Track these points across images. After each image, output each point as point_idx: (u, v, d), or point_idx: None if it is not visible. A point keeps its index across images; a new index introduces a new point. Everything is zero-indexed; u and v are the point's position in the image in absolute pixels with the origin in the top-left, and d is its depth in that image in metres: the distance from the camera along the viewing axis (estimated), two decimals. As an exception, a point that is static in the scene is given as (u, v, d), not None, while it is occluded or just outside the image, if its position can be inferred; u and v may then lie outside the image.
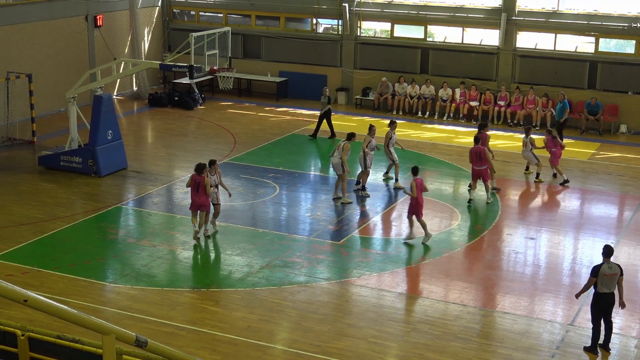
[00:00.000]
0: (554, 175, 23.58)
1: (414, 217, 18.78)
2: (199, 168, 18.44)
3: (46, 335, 8.45)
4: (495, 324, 15.19)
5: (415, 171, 18.88)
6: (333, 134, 27.41)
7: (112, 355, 6.90)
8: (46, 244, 18.60)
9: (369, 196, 21.68)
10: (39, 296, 6.28)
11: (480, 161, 21.25)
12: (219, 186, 19.22)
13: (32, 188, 22.34)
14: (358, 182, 22.14)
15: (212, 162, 19.34)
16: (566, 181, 23.06)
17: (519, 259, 18.31)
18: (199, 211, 18.62)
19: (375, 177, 23.51)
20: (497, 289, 16.64)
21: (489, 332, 14.84)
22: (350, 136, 21.58)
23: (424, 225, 18.71)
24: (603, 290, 13.72)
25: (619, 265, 13.90)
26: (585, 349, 14.06)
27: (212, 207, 19.01)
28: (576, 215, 21.39)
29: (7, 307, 14.79)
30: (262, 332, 14.64)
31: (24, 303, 6.12)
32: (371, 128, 22.22)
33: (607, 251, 13.89)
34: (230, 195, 19.69)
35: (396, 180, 22.60)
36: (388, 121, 23.89)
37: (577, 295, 14.19)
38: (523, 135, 24.10)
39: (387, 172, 23.25)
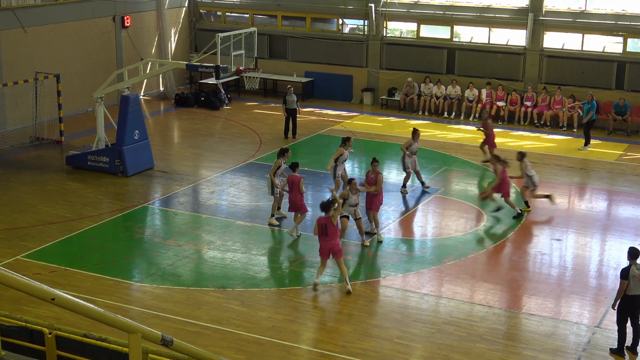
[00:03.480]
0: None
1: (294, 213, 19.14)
2: (325, 208, 16.12)
3: (73, 334, 8.52)
4: (521, 325, 15.12)
5: (293, 167, 19.00)
6: (293, 134, 27.44)
7: (138, 353, 6.94)
8: (73, 242, 18.75)
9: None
10: (66, 295, 6.34)
11: None
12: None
13: (60, 187, 22.52)
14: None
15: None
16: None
17: (545, 260, 18.20)
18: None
19: (400, 177, 23.49)
20: (523, 290, 16.56)
21: (514, 334, 14.77)
22: (345, 140, 21.14)
23: (295, 220, 19.08)
24: (632, 292, 13.60)
25: None
26: (612, 351, 13.96)
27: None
28: (603, 217, 21.23)
29: (35, 306, 14.94)
30: (287, 332, 14.66)
31: (51, 301, 6.18)
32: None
33: (634, 253, 13.77)
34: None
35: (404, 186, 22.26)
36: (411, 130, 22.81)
37: (614, 306, 13.96)
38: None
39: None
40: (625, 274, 13.59)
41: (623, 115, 28.30)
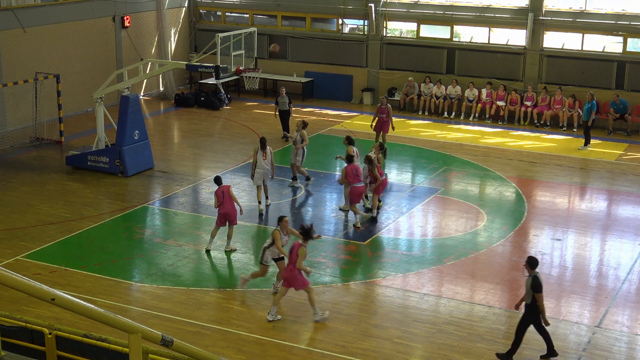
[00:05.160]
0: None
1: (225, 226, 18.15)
2: (306, 233, 14.90)
3: (73, 334, 8.53)
4: (521, 325, 15.10)
5: (217, 181, 18.13)
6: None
7: (139, 354, 6.95)
8: (73, 243, 18.75)
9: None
10: (66, 295, 6.34)
11: None
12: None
13: (60, 187, 22.52)
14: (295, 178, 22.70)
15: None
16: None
17: (545, 260, 18.18)
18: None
19: (401, 177, 23.52)
20: (523, 290, 16.51)
21: (514, 334, 14.75)
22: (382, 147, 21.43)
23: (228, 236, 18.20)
24: (529, 300, 13.54)
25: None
26: (543, 357, 13.84)
27: None
28: (603, 217, 21.23)
29: (35, 306, 14.94)
30: (287, 332, 14.66)
31: (51, 302, 6.18)
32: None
33: (535, 263, 13.56)
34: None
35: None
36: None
37: (545, 323, 13.69)
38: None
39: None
40: (540, 286, 13.29)
41: (623, 112, 28.24)
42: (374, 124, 25.71)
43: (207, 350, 9.90)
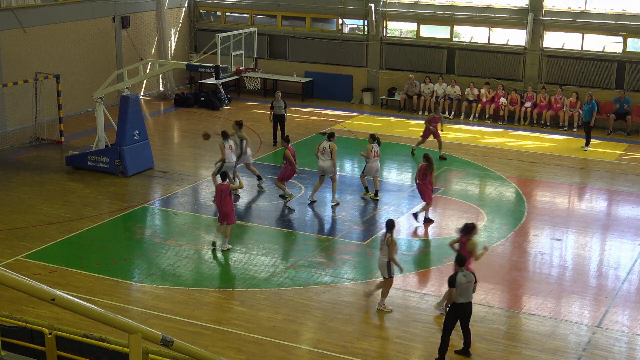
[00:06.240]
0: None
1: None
2: (467, 229, 15.32)
3: (73, 334, 8.53)
4: (521, 325, 15.12)
5: (223, 177, 18.26)
6: (275, 142, 26.76)
7: (139, 354, 6.95)
8: (73, 243, 18.75)
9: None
10: (66, 295, 6.34)
11: None
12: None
13: (60, 188, 22.52)
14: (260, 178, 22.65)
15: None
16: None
17: (545, 260, 18.20)
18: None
19: (401, 177, 23.52)
20: (523, 290, 16.56)
21: (514, 334, 14.77)
22: (330, 136, 21.46)
23: (225, 232, 18.33)
24: (460, 300, 13.44)
25: (473, 273, 13.68)
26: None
27: None
28: (603, 217, 21.23)
29: (35, 306, 14.94)
30: (287, 332, 14.66)
31: (51, 302, 6.19)
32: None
33: (461, 259, 13.66)
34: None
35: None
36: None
37: (439, 307, 13.86)
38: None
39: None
40: (453, 282, 13.34)
41: (625, 110, 28.17)
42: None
43: (207, 350, 9.91)
